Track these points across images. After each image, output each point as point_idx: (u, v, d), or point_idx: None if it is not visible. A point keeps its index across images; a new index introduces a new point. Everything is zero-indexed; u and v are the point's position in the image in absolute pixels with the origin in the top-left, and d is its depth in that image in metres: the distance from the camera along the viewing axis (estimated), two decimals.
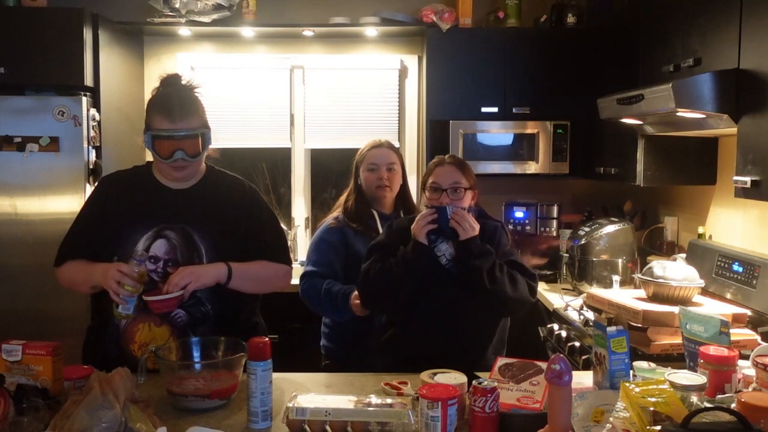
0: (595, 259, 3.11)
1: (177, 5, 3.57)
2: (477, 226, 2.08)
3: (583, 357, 2.49)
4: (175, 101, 1.93)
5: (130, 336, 1.96)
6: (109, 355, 1.94)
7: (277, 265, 2.10)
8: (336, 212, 2.60)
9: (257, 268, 2.04)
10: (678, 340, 2.07)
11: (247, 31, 3.86)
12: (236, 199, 2.09)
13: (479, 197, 2.28)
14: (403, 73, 4.10)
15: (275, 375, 1.66)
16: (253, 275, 2.03)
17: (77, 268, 2.00)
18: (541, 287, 3.38)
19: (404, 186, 2.64)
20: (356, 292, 2.29)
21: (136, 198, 2.02)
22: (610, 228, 3.14)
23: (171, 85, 1.99)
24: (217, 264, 1.94)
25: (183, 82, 2.00)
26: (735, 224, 2.85)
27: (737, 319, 2.21)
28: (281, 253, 2.13)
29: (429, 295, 2.13)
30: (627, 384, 1.51)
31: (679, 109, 2.25)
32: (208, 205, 2.03)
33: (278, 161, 4.34)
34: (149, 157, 2.08)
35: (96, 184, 2.15)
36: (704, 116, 2.33)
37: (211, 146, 2.02)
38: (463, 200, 2.15)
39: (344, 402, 1.57)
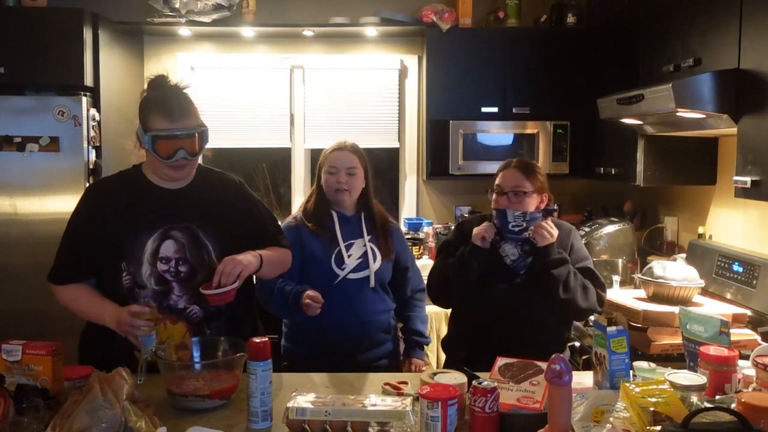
0: (595, 259, 3.11)
1: (177, 5, 3.57)
2: (555, 233, 2.17)
3: (583, 357, 2.50)
4: (172, 101, 1.93)
5: None
6: (117, 354, 1.93)
7: (283, 250, 2.15)
8: (298, 211, 2.61)
9: (273, 254, 2.07)
10: (678, 340, 2.07)
11: (247, 31, 3.86)
12: (231, 193, 2.11)
13: (550, 199, 2.34)
14: (403, 73, 4.10)
15: (275, 375, 1.66)
16: (274, 261, 2.06)
17: (82, 297, 1.98)
18: None
19: (366, 188, 2.54)
20: (308, 292, 2.28)
21: (135, 201, 2.00)
22: (610, 228, 3.14)
23: (162, 86, 1.97)
24: (251, 252, 1.96)
25: (173, 83, 1.99)
26: (735, 224, 2.85)
27: (737, 319, 2.21)
28: (283, 238, 2.19)
29: (493, 295, 2.21)
30: (627, 384, 1.51)
31: (679, 109, 2.25)
32: (208, 203, 2.04)
33: (278, 161, 4.34)
34: (143, 159, 2.07)
35: (84, 194, 2.11)
36: (704, 116, 2.33)
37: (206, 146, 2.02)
38: (525, 204, 2.20)
39: (344, 402, 1.57)
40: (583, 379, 1.83)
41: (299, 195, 4.17)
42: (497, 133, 3.73)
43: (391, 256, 2.48)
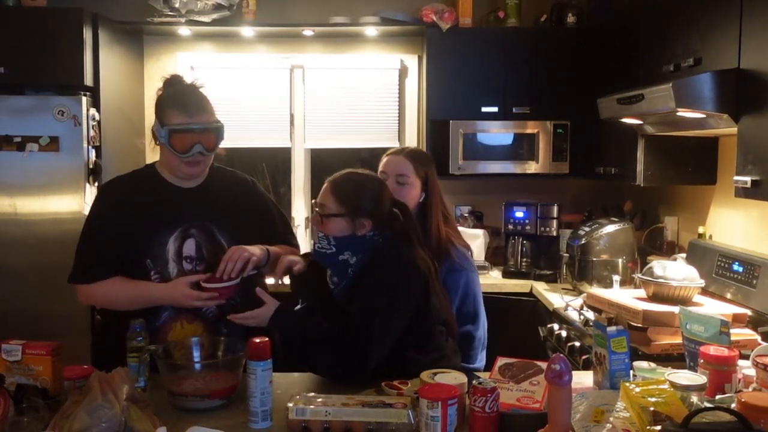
0: (595, 259, 3.11)
1: (177, 5, 3.57)
2: (256, 316, 1.85)
3: (583, 357, 2.49)
4: (190, 96, 1.96)
5: (163, 336, 1.96)
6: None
7: (293, 249, 2.16)
8: None
9: (282, 252, 2.07)
10: (678, 340, 2.07)
11: (247, 31, 3.86)
12: (244, 191, 2.13)
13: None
14: (403, 72, 4.10)
15: (275, 375, 1.66)
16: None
17: (117, 285, 1.96)
18: (541, 287, 3.38)
19: (427, 205, 2.21)
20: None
21: (152, 200, 2.01)
22: (610, 228, 3.14)
23: (178, 83, 2.01)
24: (258, 245, 1.97)
25: (189, 81, 2.02)
26: (735, 224, 2.85)
27: (737, 319, 2.21)
28: (294, 238, 2.21)
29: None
30: (627, 384, 1.51)
31: (679, 109, 2.25)
32: (222, 201, 2.06)
33: (278, 161, 4.34)
34: (149, 159, 2.08)
35: (99, 193, 2.14)
36: (704, 116, 2.32)
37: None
38: (326, 226, 1.89)
39: (344, 402, 1.57)
40: (583, 379, 1.83)
41: (299, 195, 4.17)
42: (497, 133, 3.73)
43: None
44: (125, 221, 1.97)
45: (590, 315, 2.63)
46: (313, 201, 1.96)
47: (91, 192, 3.27)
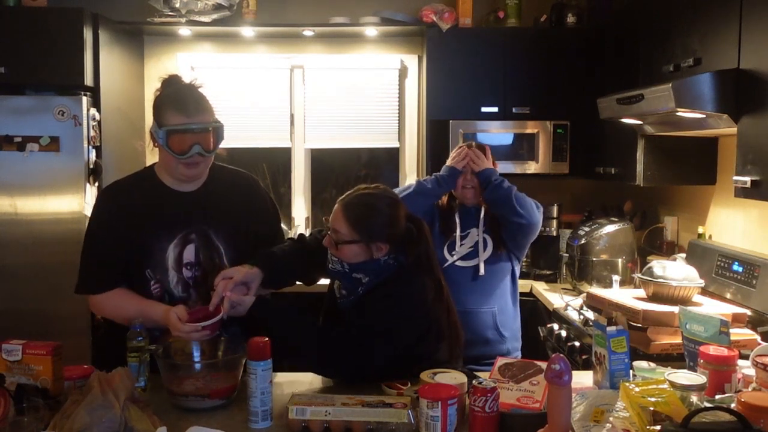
0: (595, 259, 3.11)
1: (177, 5, 3.57)
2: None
3: (583, 357, 2.50)
4: (188, 96, 1.91)
5: (165, 341, 1.92)
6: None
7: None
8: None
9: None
10: (678, 340, 2.07)
11: (247, 31, 3.86)
12: (244, 193, 2.09)
13: None
14: (403, 72, 4.10)
15: (275, 375, 1.67)
16: None
17: (125, 303, 1.92)
18: (541, 287, 3.38)
19: None
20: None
21: (152, 207, 1.96)
22: (610, 228, 3.14)
23: (176, 83, 1.96)
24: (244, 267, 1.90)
25: (187, 81, 1.98)
26: (735, 224, 2.85)
27: (737, 319, 2.21)
28: (282, 242, 2.15)
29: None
30: (627, 384, 1.51)
31: (679, 109, 2.25)
32: (221, 204, 2.01)
33: (278, 161, 4.34)
34: (149, 160, 2.06)
35: (98, 199, 2.09)
36: (704, 116, 2.33)
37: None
38: (342, 251, 1.85)
39: (344, 402, 1.58)
40: (583, 379, 1.83)
41: (299, 195, 4.17)
42: (497, 133, 3.73)
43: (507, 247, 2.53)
44: (126, 228, 1.93)
45: (590, 315, 2.63)
46: (324, 218, 1.93)
47: (91, 192, 3.27)
